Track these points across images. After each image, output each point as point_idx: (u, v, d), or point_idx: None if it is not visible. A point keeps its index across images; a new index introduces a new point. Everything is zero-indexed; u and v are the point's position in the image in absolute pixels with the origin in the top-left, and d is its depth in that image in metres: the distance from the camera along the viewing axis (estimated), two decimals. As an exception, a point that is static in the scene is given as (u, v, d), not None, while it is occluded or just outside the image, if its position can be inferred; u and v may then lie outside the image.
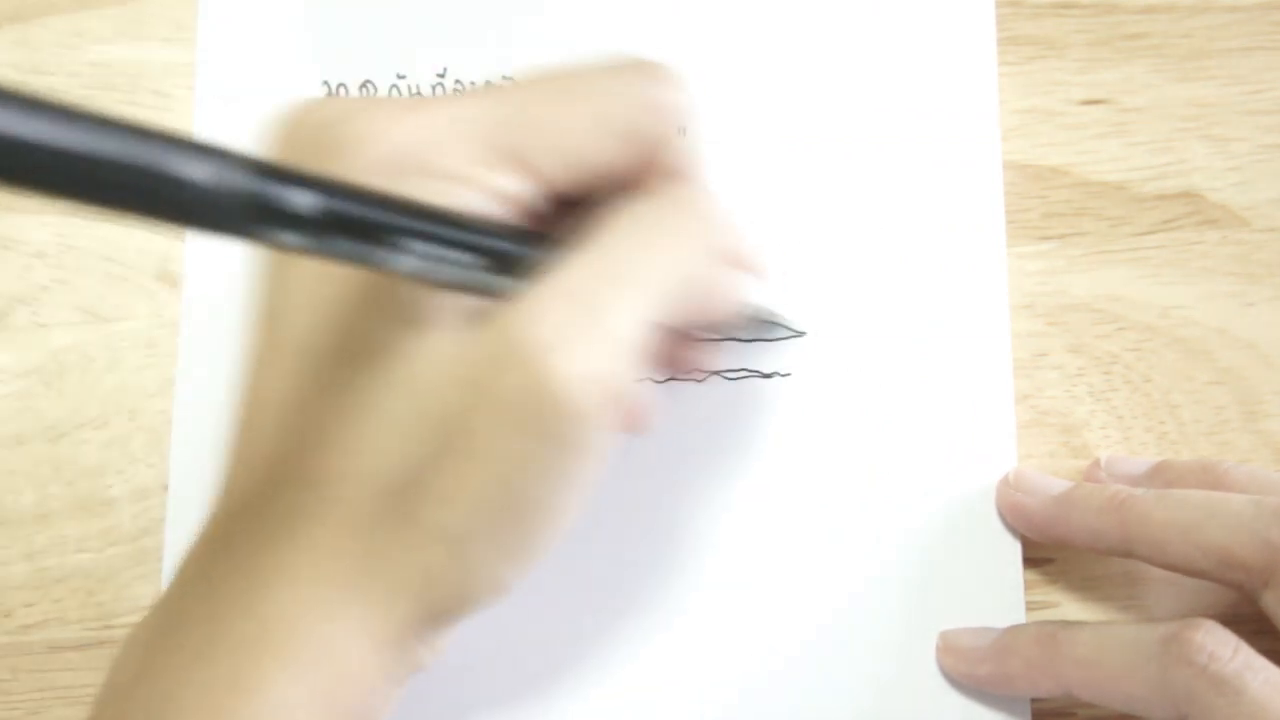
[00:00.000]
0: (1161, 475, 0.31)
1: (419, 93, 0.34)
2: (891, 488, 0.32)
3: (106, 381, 0.33)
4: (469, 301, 0.22)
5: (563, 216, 0.24)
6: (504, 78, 0.34)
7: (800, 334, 0.33)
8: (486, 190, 0.22)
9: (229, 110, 0.34)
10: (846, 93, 0.34)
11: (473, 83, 0.34)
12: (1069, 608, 0.32)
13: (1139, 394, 0.33)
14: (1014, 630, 0.30)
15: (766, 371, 0.33)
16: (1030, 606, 0.32)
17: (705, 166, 0.25)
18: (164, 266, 0.33)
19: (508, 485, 0.21)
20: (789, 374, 0.33)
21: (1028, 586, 0.32)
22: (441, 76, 0.34)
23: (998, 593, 0.31)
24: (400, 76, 0.34)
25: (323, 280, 0.22)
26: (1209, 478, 0.30)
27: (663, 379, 0.31)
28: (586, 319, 0.20)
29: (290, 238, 0.17)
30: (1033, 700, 0.31)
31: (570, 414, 0.20)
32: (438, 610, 0.23)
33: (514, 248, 0.21)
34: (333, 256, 0.18)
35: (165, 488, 0.32)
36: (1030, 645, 0.29)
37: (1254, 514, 0.27)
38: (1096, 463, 0.32)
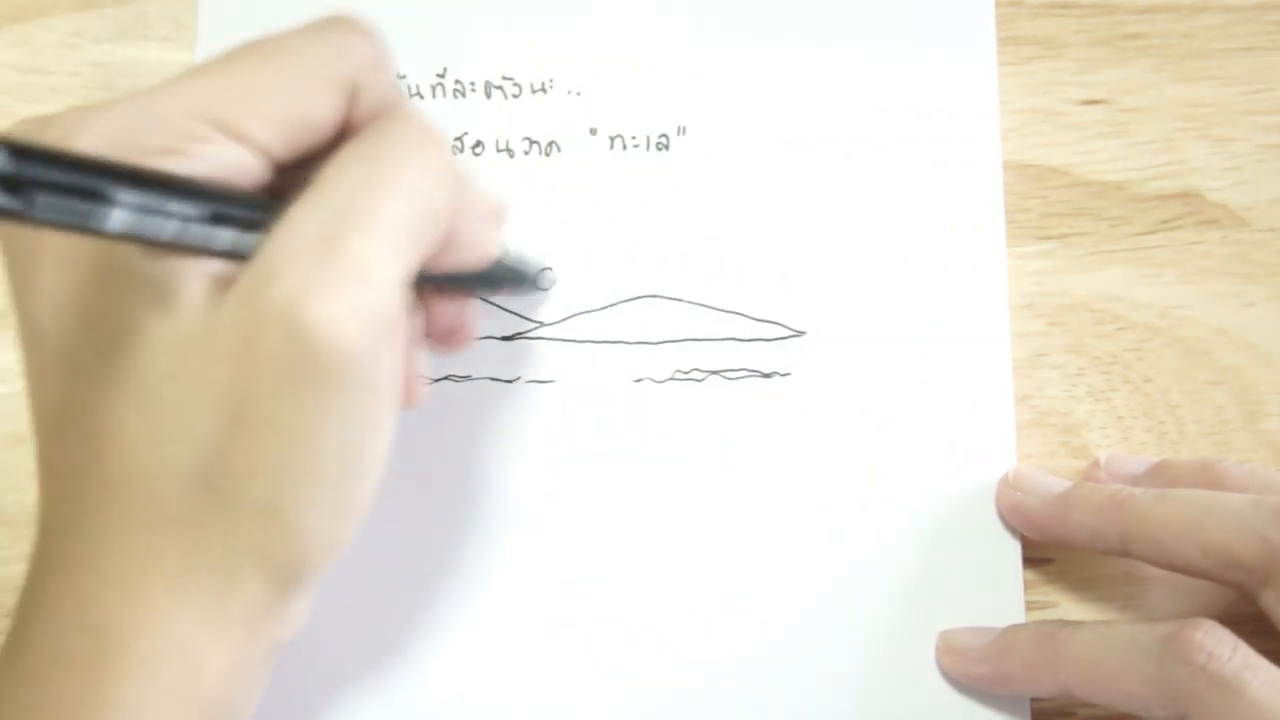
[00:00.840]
0: (1161, 474, 0.31)
1: (418, 93, 0.34)
2: (891, 488, 0.32)
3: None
4: (214, 267, 0.22)
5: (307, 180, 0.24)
6: (504, 77, 0.34)
7: (542, 287, 0.33)
8: (201, 158, 0.21)
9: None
10: (846, 93, 0.34)
11: (472, 83, 0.34)
12: (1068, 608, 0.32)
13: (1139, 394, 0.33)
14: (1013, 630, 0.30)
15: (766, 371, 0.33)
16: (1030, 606, 0.32)
17: (414, 105, 0.25)
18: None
19: (305, 443, 0.21)
20: (789, 374, 0.33)
21: (1027, 586, 0.32)
22: (441, 76, 0.34)
23: (997, 593, 0.31)
24: (400, 76, 0.34)
25: (63, 275, 0.22)
26: (1208, 477, 0.30)
27: (430, 351, 0.30)
28: (329, 258, 0.20)
29: None
30: (1032, 700, 0.31)
31: (340, 353, 0.20)
32: (279, 581, 0.23)
33: (239, 203, 0.21)
34: (42, 218, 0.18)
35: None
36: (1029, 644, 0.29)
37: (1253, 513, 0.27)
38: (1096, 462, 0.32)
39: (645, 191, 0.33)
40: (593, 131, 0.34)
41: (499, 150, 0.33)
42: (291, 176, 0.23)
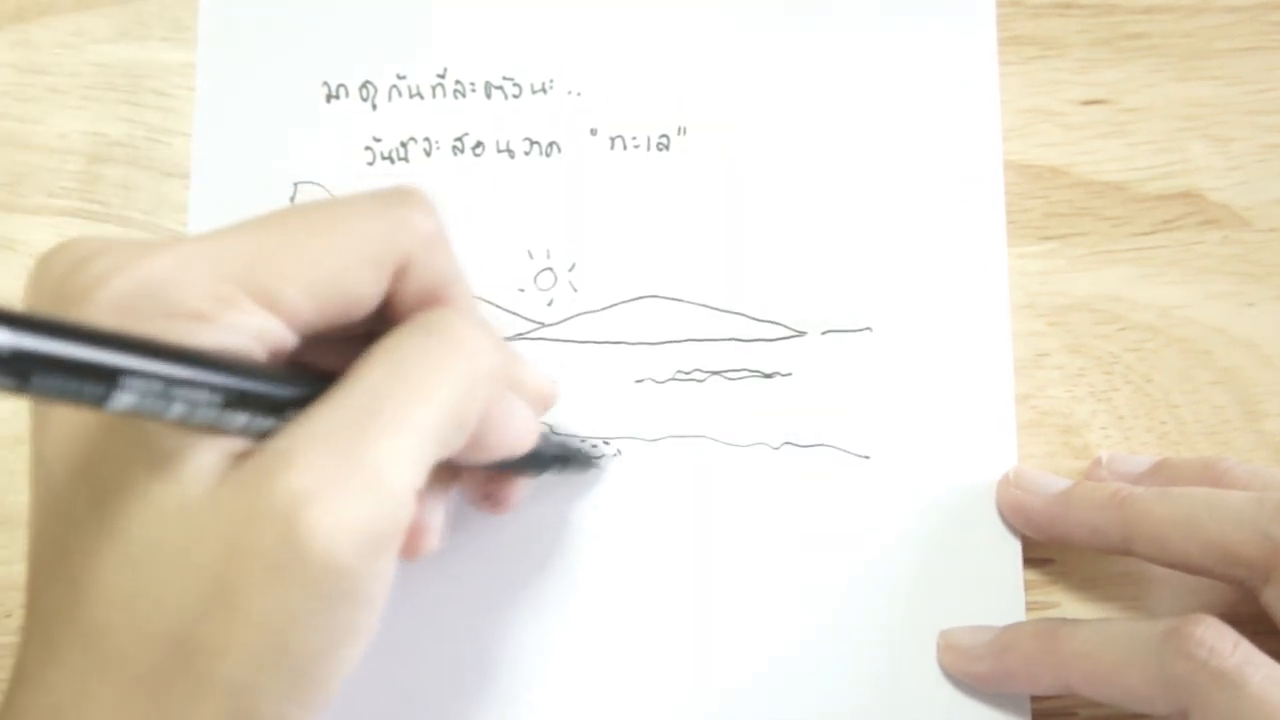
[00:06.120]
0: (1162, 473, 0.31)
1: (419, 93, 0.34)
2: (892, 488, 0.32)
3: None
4: (229, 443, 0.21)
5: (336, 350, 0.23)
6: (504, 77, 0.34)
7: (599, 461, 0.32)
8: (229, 328, 0.21)
9: (229, 110, 0.34)
10: (847, 93, 0.34)
11: (472, 83, 0.34)
12: (1069, 608, 0.32)
13: (1140, 394, 0.33)
14: (1014, 627, 0.30)
15: (768, 371, 0.33)
16: (1031, 606, 0.32)
17: (469, 288, 0.25)
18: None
19: (280, 639, 0.21)
20: (790, 374, 0.33)
21: (1028, 586, 0.32)
22: (441, 76, 0.34)
23: (998, 592, 0.31)
24: (400, 76, 0.34)
25: (78, 427, 0.22)
26: (1210, 475, 0.30)
27: (484, 511, 0.30)
28: (346, 465, 0.20)
29: None
30: (1033, 700, 0.31)
31: (333, 569, 0.20)
32: None
33: (258, 385, 0.21)
34: (43, 395, 0.17)
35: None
36: (1030, 641, 0.29)
37: (1255, 510, 0.27)
38: (1097, 461, 0.32)
39: (645, 192, 0.33)
40: (593, 132, 0.34)
41: (499, 150, 0.33)
42: (319, 346, 0.23)
